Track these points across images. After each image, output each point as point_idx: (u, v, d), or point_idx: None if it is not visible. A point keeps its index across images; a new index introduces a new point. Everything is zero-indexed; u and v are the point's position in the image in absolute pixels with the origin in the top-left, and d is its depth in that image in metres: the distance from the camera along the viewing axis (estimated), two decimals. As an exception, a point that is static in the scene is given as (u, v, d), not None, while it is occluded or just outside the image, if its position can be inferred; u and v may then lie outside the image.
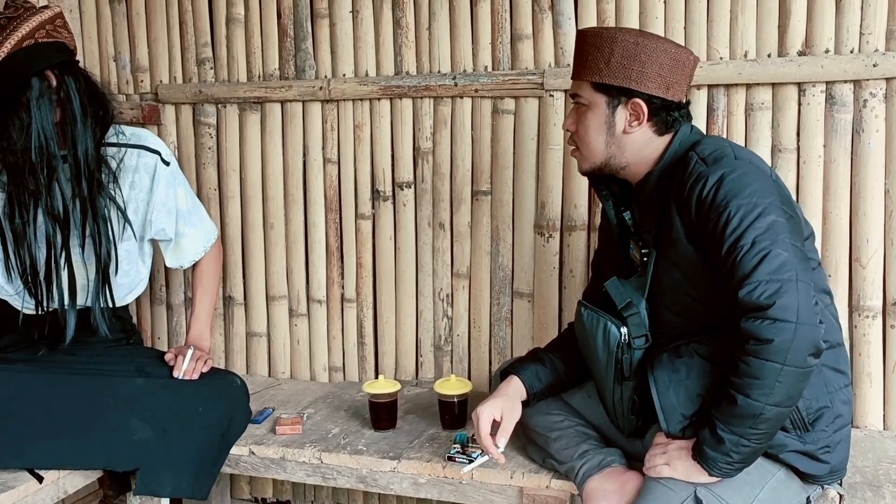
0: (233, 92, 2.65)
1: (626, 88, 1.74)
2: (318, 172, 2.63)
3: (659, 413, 1.70)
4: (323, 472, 2.13)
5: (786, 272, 1.54)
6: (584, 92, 1.80)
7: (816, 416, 1.67)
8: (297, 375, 2.74)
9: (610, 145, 1.80)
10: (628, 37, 1.74)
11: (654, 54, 1.73)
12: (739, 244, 1.57)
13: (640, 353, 1.79)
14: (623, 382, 1.80)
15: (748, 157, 1.74)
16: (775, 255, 1.55)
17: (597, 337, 1.81)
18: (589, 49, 1.77)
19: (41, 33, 2.05)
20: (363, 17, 2.53)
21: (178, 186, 2.34)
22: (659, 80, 1.74)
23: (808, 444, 1.67)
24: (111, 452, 2.04)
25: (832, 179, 2.16)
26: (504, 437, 1.89)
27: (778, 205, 1.64)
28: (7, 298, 2.24)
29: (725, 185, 1.63)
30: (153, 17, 2.72)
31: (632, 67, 1.73)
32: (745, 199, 1.61)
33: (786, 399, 1.55)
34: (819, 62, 2.11)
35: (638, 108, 1.75)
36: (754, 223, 1.58)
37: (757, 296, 1.53)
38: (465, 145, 2.48)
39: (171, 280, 2.81)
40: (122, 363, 2.19)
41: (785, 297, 1.51)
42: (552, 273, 2.43)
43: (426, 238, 2.56)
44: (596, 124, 1.79)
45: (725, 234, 1.60)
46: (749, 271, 1.55)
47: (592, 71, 1.76)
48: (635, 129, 1.77)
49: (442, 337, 2.58)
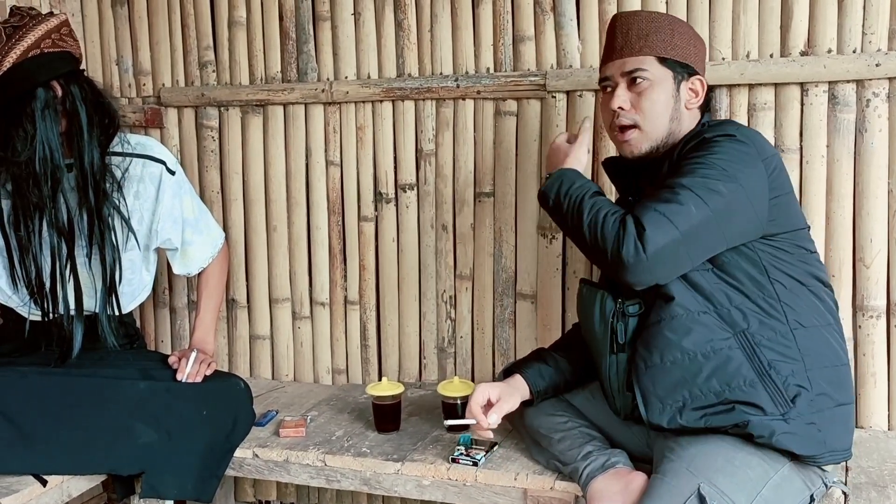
0: (235, 95, 2.65)
1: (689, 66, 1.84)
2: (321, 175, 2.64)
3: (638, 397, 1.76)
4: (327, 474, 2.13)
5: (679, 219, 1.63)
6: (649, 66, 1.83)
7: (795, 392, 1.67)
8: (301, 378, 2.74)
9: (674, 120, 1.85)
10: (681, 21, 1.91)
11: (699, 41, 1.89)
12: (677, 179, 1.68)
13: (635, 322, 1.81)
14: (618, 353, 1.82)
15: (752, 136, 1.78)
16: (686, 203, 1.64)
17: (594, 307, 1.85)
18: (649, 25, 1.84)
19: (47, 43, 2.04)
20: (365, 20, 2.53)
21: (185, 195, 2.34)
22: (701, 65, 1.89)
23: (791, 421, 1.66)
24: (116, 456, 2.04)
25: (835, 179, 2.15)
26: (496, 414, 1.89)
27: (744, 192, 1.68)
28: (14, 307, 2.24)
29: (716, 139, 1.72)
30: (155, 21, 2.73)
31: (690, 47, 1.85)
32: (719, 157, 1.69)
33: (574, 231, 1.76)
34: (822, 62, 2.11)
35: (699, 85, 1.86)
36: (706, 177, 1.66)
37: (644, 215, 1.64)
38: (468, 147, 2.48)
39: (174, 283, 2.81)
40: (125, 367, 2.19)
41: (659, 232, 1.63)
42: (555, 274, 2.43)
43: (429, 240, 2.56)
44: (664, 98, 1.83)
45: (680, 165, 1.71)
46: (659, 198, 1.66)
47: (657, 47, 1.83)
48: (693, 106, 1.86)
49: (445, 339, 2.58)
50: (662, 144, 1.85)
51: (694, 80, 1.85)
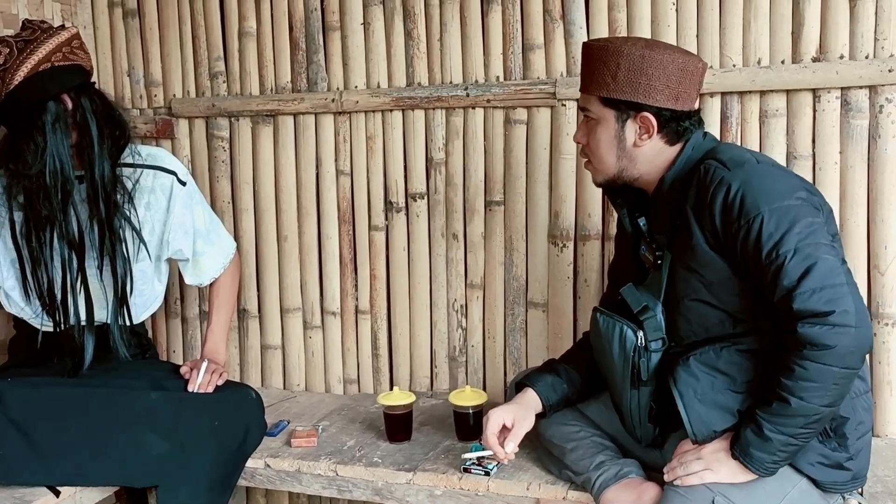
0: (245, 105, 2.66)
1: (635, 102, 1.73)
2: (331, 184, 2.64)
3: (687, 425, 1.69)
4: (338, 484, 2.12)
5: (836, 277, 1.55)
6: (592, 106, 1.79)
7: (840, 422, 1.66)
8: (312, 388, 2.74)
9: (621, 158, 1.79)
10: (634, 49, 1.71)
11: (660, 66, 1.70)
12: (781, 251, 1.57)
13: (657, 357, 1.78)
14: (640, 387, 1.79)
15: (770, 161, 1.74)
16: (823, 260, 1.55)
17: (612, 341, 1.80)
18: (595, 63, 1.76)
19: (58, 56, 2.06)
20: (374, 30, 2.53)
21: (196, 206, 2.34)
22: (667, 92, 1.72)
23: (832, 452, 1.65)
24: (129, 468, 2.04)
25: (849, 186, 2.14)
26: (513, 443, 1.88)
27: (808, 205, 1.63)
28: (26, 318, 2.25)
29: (753, 189, 1.62)
30: (166, 32, 2.74)
31: (639, 81, 1.71)
32: (777, 203, 1.60)
33: (838, 399, 1.57)
34: (834, 68, 2.10)
35: (647, 122, 1.74)
36: (792, 228, 1.58)
37: (814, 303, 1.53)
38: (478, 156, 2.48)
39: (186, 293, 2.82)
40: (137, 377, 2.19)
41: (843, 303, 1.53)
42: (566, 283, 2.42)
43: (440, 249, 2.56)
44: (606, 139, 1.78)
45: (762, 240, 1.59)
46: (798, 278, 1.55)
47: (599, 86, 1.75)
48: (646, 142, 1.76)
49: (456, 348, 2.57)
50: (617, 178, 1.82)
51: (642, 117, 1.74)
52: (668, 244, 1.77)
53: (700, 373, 1.71)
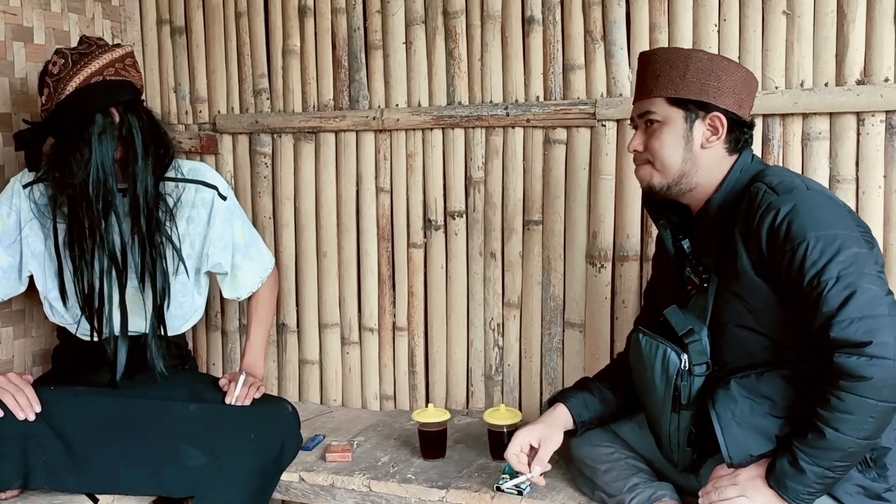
0: (288, 122, 2.69)
1: (704, 102, 1.75)
2: (371, 201, 2.66)
3: (723, 447, 1.67)
4: (372, 499, 2.13)
5: (877, 307, 1.52)
6: (657, 108, 1.79)
7: (881, 453, 1.63)
8: (349, 403, 2.76)
9: (687, 161, 1.78)
10: (701, 54, 1.78)
11: (727, 70, 1.75)
12: (823, 278, 1.55)
13: (700, 381, 1.76)
14: (681, 411, 1.77)
15: (819, 188, 1.72)
16: (864, 289, 1.53)
17: (655, 364, 1.79)
18: (661, 66, 1.77)
19: (110, 71, 2.11)
20: (416, 49, 2.56)
21: (236, 220, 2.37)
22: (733, 97, 1.75)
23: (871, 483, 1.62)
24: (166, 478, 2.06)
25: (893, 210, 2.11)
26: (539, 467, 1.88)
27: (857, 235, 1.61)
28: (65, 325, 2.30)
29: (800, 215, 1.61)
30: (212, 50, 2.79)
31: (708, 82, 1.74)
32: (823, 231, 1.59)
33: (875, 433, 1.54)
34: (878, 91, 2.08)
35: (717, 122, 1.76)
36: (836, 256, 1.56)
37: (852, 333, 1.51)
38: (517, 175, 2.48)
39: (226, 307, 2.85)
40: (175, 389, 2.21)
41: (881, 334, 1.50)
42: (604, 303, 2.41)
43: (477, 267, 2.56)
44: (673, 139, 1.77)
45: (805, 267, 1.57)
46: (838, 307, 1.53)
47: (667, 87, 1.76)
48: (713, 144, 1.77)
49: (493, 366, 2.57)
50: (675, 183, 1.80)
51: (712, 117, 1.76)
52: (715, 267, 1.76)
53: (740, 396, 1.69)
